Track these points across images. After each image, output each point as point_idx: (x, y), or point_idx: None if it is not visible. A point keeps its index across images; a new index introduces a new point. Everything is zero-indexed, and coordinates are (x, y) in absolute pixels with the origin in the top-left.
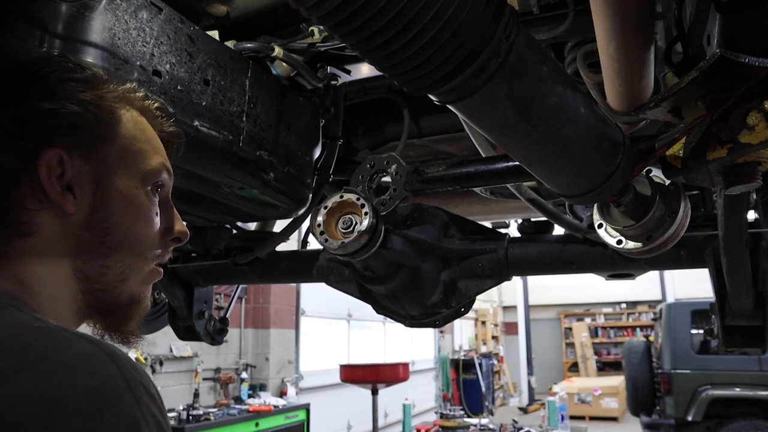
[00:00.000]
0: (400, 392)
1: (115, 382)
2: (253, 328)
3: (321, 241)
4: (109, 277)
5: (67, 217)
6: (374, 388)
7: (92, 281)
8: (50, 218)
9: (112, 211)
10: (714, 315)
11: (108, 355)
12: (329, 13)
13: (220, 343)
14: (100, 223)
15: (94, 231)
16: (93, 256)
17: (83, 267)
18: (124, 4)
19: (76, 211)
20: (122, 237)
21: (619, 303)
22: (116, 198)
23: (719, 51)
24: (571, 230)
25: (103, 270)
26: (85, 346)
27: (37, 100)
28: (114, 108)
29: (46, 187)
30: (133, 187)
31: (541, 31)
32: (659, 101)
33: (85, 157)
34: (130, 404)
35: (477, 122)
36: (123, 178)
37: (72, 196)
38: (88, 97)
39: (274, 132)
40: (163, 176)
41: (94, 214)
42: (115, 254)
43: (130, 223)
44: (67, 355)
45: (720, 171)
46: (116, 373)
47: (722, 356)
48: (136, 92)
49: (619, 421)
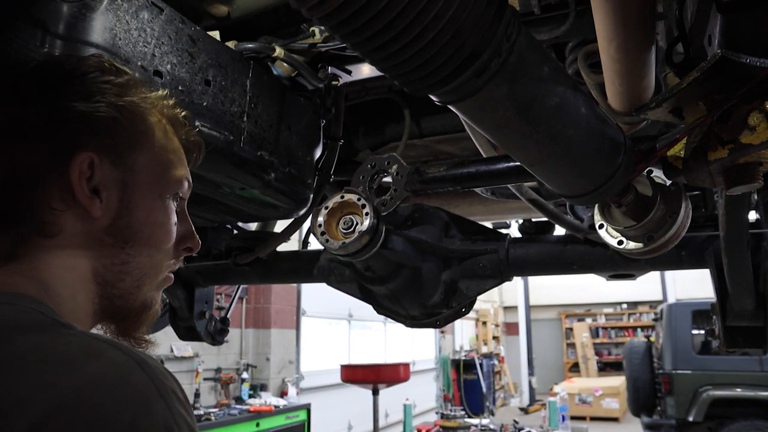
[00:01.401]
0: (400, 392)
1: (147, 390)
2: (253, 328)
3: (322, 241)
4: (127, 283)
5: (91, 221)
6: (375, 388)
7: (110, 286)
8: (74, 220)
9: (136, 219)
10: (715, 315)
11: (137, 362)
12: (330, 14)
13: (221, 344)
14: (123, 229)
15: (117, 236)
16: (113, 261)
17: (103, 271)
18: (126, 5)
19: (101, 215)
20: (143, 245)
21: (620, 303)
22: (141, 206)
23: (720, 51)
24: (572, 231)
25: (121, 276)
26: (115, 354)
27: (73, 100)
28: (147, 115)
29: (75, 189)
30: (158, 197)
31: (542, 32)
32: (660, 101)
33: (115, 162)
34: (162, 412)
35: (478, 123)
36: (149, 187)
37: (98, 200)
38: (124, 102)
39: (274, 132)
40: (185, 188)
41: (118, 219)
42: (134, 261)
43: (151, 231)
44: (98, 364)
45: (721, 171)
46: (147, 381)
47: (723, 357)
48: (166, 99)
49: (619, 422)
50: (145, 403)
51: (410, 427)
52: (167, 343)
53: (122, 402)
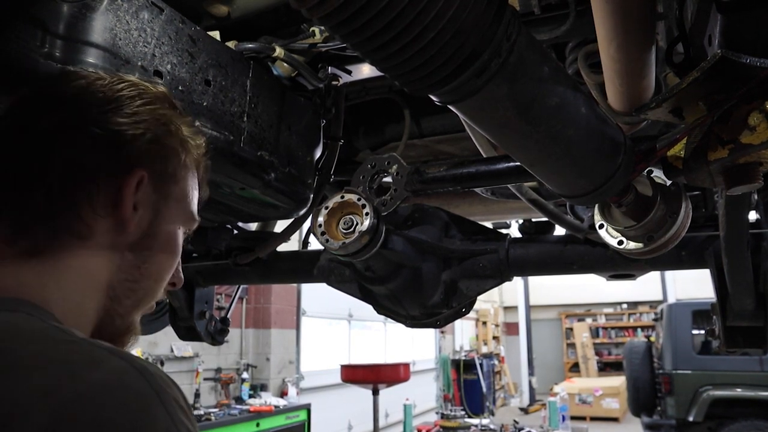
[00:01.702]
0: (400, 392)
1: (148, 397)
2: (254, 329)
3: (322, 241)
4: (131, 301)
5: (122, 235)
6: (375, 388)
7: (117, 301)
8: (107, 230)
9: (157, 243)
10: (715, 315)
11: (138, 370)
12: (330, 14)
13: (221, 344)
14: (145, 250)
15: (138, 256)
16: (128, 277)
17: (116, 285)
18: (126, 5)
19: (132, 231)
20: (155, 269)
21: (620, 303)
22: (164, 233)
23: (720, 51)
24: (572, 231)
25: (129, 294)
26: (116, 362)
27: (138, 118)
28: (189, 148)
29: (124, 200)
30: (177, 228)
31: (543, 32)
32: (660, 101)
33: (156, 187)
34: (163, 418)
35: (478, 123)
36: (173, 218)
37: (136, 217)
38: (181, 135)
39: (275, 132)
40: (194, 225)
41: (143, 240)
42: (144, 281)
43: (164, 259)
44: (99, 373)
45: (721, 171)
46: (149, 390)
47: (723, 357)
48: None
49: (620, 422)
50: (146, 410)
51: (410, 427)
52: (167, 343)
53: (123, 409)
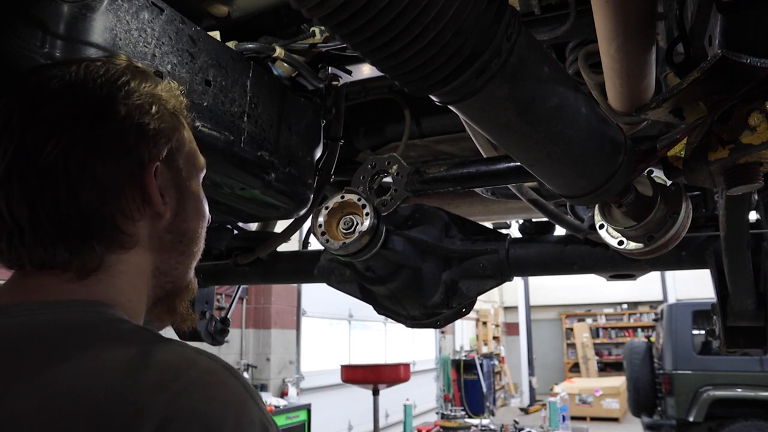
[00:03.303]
0: (401, 393)
1: (241, 393)
2: (254, 329)
3: (322, 241)
4: (179, 270)
5: (158, 222)
6: (375, 388)
7: (165, 275)
8: (144, 226)
9: (188, 213)
10: (715, 316)
11: (226, 369)
12: (330, 14)
13: (221, 344)
14: (180, 224)
15: (176, 232)
16: (171, 254)
17: (161, 265)
18: (126, 5)
19: (168, 216)
20: (193, 234)
21: (621, 303)
22: (190, 200)
23: (721, 51)
24: (572, 231)
25: (176, 265)
26: (207, 362)
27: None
28: (182, 115)
29: (153, 198)
30: (197, 186)
31: (543, 32)
32: (661, 102)
33: (168, 165)
34: (257, 412)
35: (478, 123)
36: (191, 180)
37: (165, 203)
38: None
39: (275, 132)
40: (205, 169)
41: (176, 217)
42: (188, 250)
43: (198, 220)
44: (197, 371)
45: (721, 172)
46: (238, 385)
47: (723, 357)
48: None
49: (620, 422)
50: (243, 404)
51: (410, 427)
52: None
53: (225, 404)
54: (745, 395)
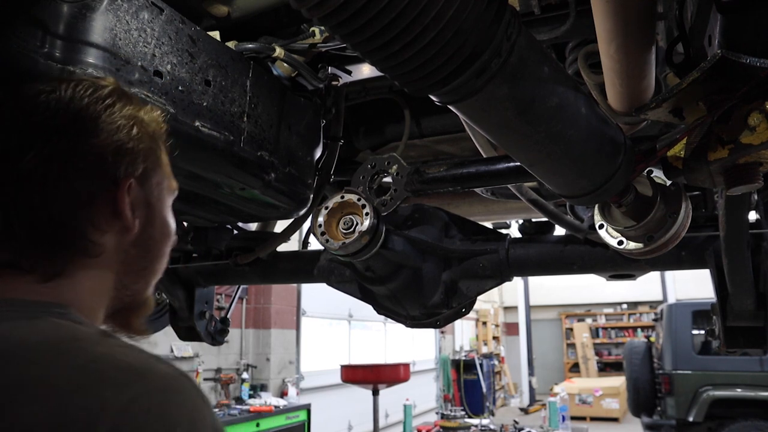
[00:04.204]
0: (401, 393)
1: (196, 398)
2: (254, 329)
3: (322, 241)
4: (140, 285)
5: (125, 236)
6: (375, 388)
7: (125, 288)
8: (112, 237)
9: (155, 229)
10: (715, 316)
11: (182, 374)
12: (330, 14)
13: (221, 344)
14: (147, 240)
15: (140, 248)
16: (133, 268)
17: (123, 278)
18: (126, 5)
19: (136, 230)
20: (157, 252)
21: (620, 303)
22: (158, 218)
23: (720, 51)
24: (572, 231)
25: (137, 279)
26: (164, 367)
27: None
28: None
29: (124, 212)
30: (167, 207)
31: (543, 32)
32: (660, 102)
33: (141, 183)
34: (210, 415)
35: (478, 123)
36: (162, 201)
37: (135, 219)
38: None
39: (275, 132)
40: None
41: (143, 233)
42: (150, 266)
43: (164, 238)
44: (154, 375)
45: (721, 172)
46: (193, 390)
47: (723, 357)
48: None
49: (620, 422)
50: (197, 408)
51: (410, 427)
52: (167, 343)
53: (182, 407)
54: (744, 395)
